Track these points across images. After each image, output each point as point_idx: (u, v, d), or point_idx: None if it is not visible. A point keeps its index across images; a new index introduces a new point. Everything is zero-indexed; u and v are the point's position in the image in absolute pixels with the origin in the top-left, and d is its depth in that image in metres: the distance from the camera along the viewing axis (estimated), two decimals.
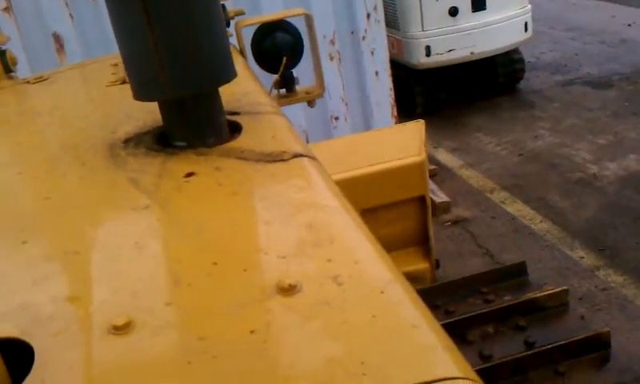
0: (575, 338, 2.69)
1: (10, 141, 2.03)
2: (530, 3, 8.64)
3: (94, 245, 1.25)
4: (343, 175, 3.67)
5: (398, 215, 4.18)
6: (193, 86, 1.48)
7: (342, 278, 0.97)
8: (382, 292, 0.95)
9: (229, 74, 1.55)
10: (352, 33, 6.02)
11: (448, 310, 3.17)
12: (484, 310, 3.07)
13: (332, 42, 5.89)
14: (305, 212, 1.22)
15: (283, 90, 3.14)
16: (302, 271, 1.01)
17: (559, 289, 3.10)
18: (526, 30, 8.56)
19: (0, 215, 1.46)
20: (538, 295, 3.07)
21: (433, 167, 6.94)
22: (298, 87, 3.22)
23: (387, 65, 6.21)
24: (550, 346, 2.67)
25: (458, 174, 7.04)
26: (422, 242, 4.21)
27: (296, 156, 1.45)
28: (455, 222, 6.07)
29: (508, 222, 5.96)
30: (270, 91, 3.00)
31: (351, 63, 6.08)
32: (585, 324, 3.03)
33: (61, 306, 1.04)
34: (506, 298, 3.22)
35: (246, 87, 1.97)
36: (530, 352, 2.68)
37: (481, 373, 2.43)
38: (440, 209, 6.13)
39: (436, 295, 3.36)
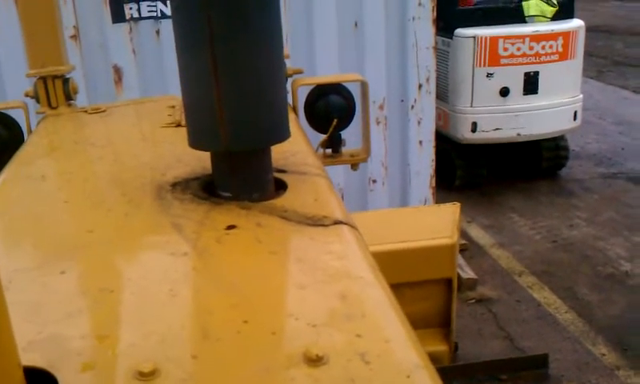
0: None
1: (61, 168, 2.09)
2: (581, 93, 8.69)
3: (129, 285, 1.26)
4: (373, 248, 3.72)
5: (423, 295, 4.17)
6: (248, 143, 1.51)
7: (369, 356, 0.96)
8: (409, 376, 0.94)
9: (284, 135, 1.58)
10: (402, 101, 6.13)
11: None
12: None
13: (381, 108, 6.00)
14: (339, 281, 1.21)
15: (329, 150, 3.17)
16: (331, 343, 1.00)
17: None
18: (575, 118, 8.56)
19: (42, 242, 1.49)
20: None
21: (463, 242, 6.94)
22: (343, 149, 3.23)
23: (432, 136, 6.29)
24: None
25: (489, 253, 7.03)
26: (443, 324, 4.21)
27: (337, 223, 1.45)
28: (479, 301, 6.06)
29: (533, 308, 5.93)
30: (317, 150, 3.02)
31: (397, 130, 6.18)
32: None
33: (90, 342, 1.05)
34: None
35: (295, 146, 1.99)
36: None
37: None
38: (465, 285, 6.13)
39: (453, 376, 3.34)
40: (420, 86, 6.13)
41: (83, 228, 1.54)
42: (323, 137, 3.09)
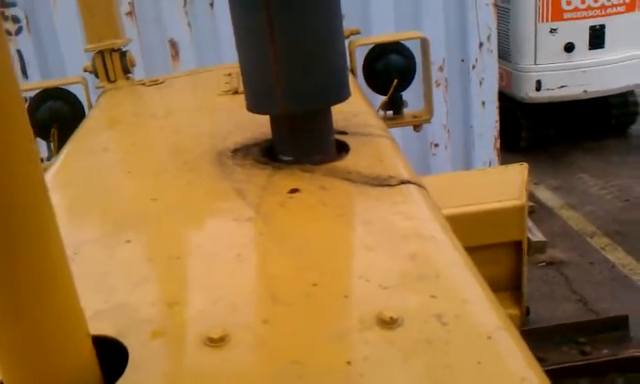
0: None
1: (124, 140, 2.12)
2: None
3: (195, 252, 1.25)
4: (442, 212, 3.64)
5: (492, 258, 4.09)
6: (307, 104, 1.49)
7: (447, 317, 0.93)
8: (489, 338, 0.90)
9: (343, 94, 1.55)
10: (462, 61, 5.99)
11: (539, 357, 3.04)
12: (579, 362, 2.92)
13: (440, 69, 5.87)
14: (410, 242, 1.17)
15: (390, 112, 3.12)
16: (405, 305, 0.97)
17: None
18: None
19: (107, 212, 1.50)
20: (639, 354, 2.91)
21: (531, 204, 6.76)
22: (405, 110, 3.19)
23: (495, 96, 6.14)
24: None
25: (558, 214, 6.84)
26: (513, 287, 4.12)
27: (403, 182, 1.41)
28: (550, 264, 5.90)
29: (606, 270, 5.74)
30: (377, 112, 2.99)
31: (458, 91, 6.04)
32: None
33: (159, 310, 1.04)
34: (605, 351, 3.04)
35: (356, 107, 1.96)
36: None
37: None
38: (535, 248, 5.98)
39: (527, 339, 3.25)
40: (481, 45, 5.97)
41: (147, 197, 1.54)
42: (383, 98, 3.03)
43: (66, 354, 0.81)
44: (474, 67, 6.01)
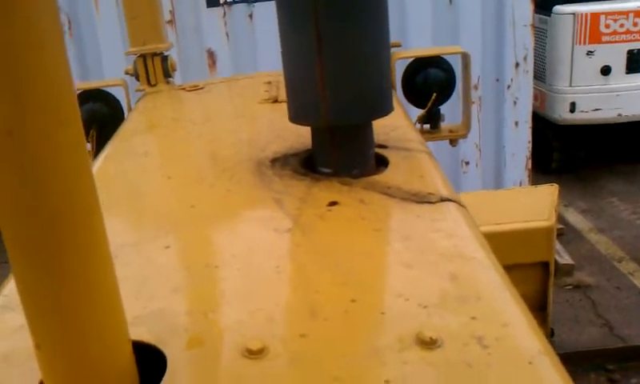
0: None
1: (163, 145, 2.14)
2: None
3: (234, 261, 1.24)
4: None
5: (519, 278, 4.04)
6: (351, 117, 1.50)
7: (487, 340, 0.91)
8: (531, 363, 0.88)
9: (386, 108, 1.56)
10: (497, 80, 6.01)
11: None
12: None
13: (475, 87, 5.88)
14: (450, 261, 1.16)
15: (427, 126, 3.12)
16: (444, 325, 0.96)
17: None
18: None
19: (146, 217, 1.52)
20: None
21: (560, 226, 6.72)
22: (442, 125, 3.17)
23: (529, 116, 6.13)
24: None
25: (587, 238, 6.78)
26: (539, 308, 4.10)
27: (443, 200, 1.40)
28: (576, 287, 5.86)
29: (634, 296, 5.68)
30: (414, 125, 3.01)
31: (491, 110, 6.06)
32: None
33: (197, 318, 1.04)
34: (633, 381, 2.97)
35: (396, 120, 1.95)
36: None
37: None
38: (562, 271, 5.94)
39: None
40: (517, 65, 5.98)
41: (186, 203, 1.55)
42: (421, 111, 3.03)
43: (106, 357, 0.82)
44: (508, 87, 6.02)
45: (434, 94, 2.92)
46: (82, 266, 0.76)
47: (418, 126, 3.01)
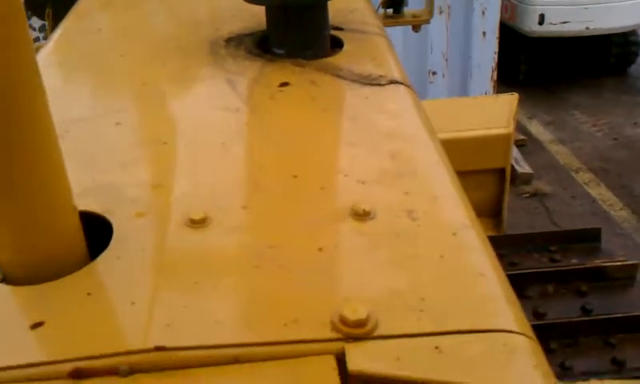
0: (634, 314, 2.64)
1: (117, 23, 2.06)
2: None
3: (182, 138, 1.26)
4: None
5: (476, 184, 4.20)
6: None
7: (417, 213, 0.97)
8: (455, 234, 0.94)
9: None
10: None
11: (512, 262, 3.14)
12: (547, 269, 3.05)
13: None
14: (392, 140, 1.20)
15: (390, 11, 3.08)
16: (379, 199, 1.00)
17: (629, 262, 3.01)
18: None
19: (99, 94, 1.50)
20: (606, 264, 2.96)
21: (522, 138, 6.94)
22: (405, 9, 3.15)
23: (496, 26, 6.19)
24: (606, 316, 2.62)
25: (547, 148, 7.01)
26: (494, 214, 4.28)
27: (393, 82, 1.42)
28: (533, 195, 6.11)
29: (587, 204, 5.96)
30: (377, 9, 2.92)
31: (460, 20, 6.09)
32: None
33: (144, 191, 1.08)
34: (573, 260, 3.14)
35: (354, 3, 1.92)
36: (584, 318, 2.63)
37: (532, 329, 2.50)
38: (521, 179, 6.17)
39: (503, 244, 3.36)
40: None
41: (138, 81, 1.55)
42: None
43: (53, 224, 0.86)
44: None
45: None
46: (24, 138, 0.79)
47: (382, 10, 3.00)
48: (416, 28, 3.31)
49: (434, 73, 6.14)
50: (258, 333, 0.79)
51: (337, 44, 1.64)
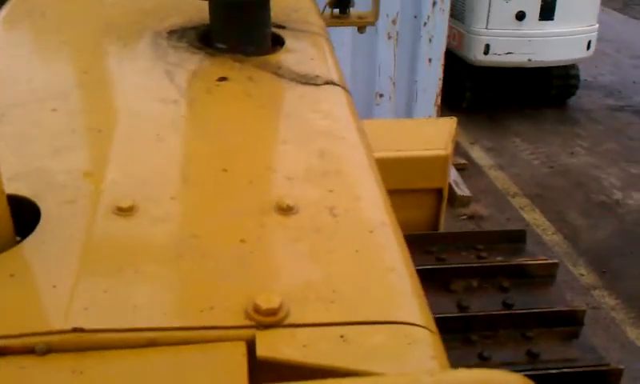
0: (550, 309, 2.73)
1: (63, 8, 2.02)
2: (599, 23, 8.68)
3: (117, 127, 1.27)
4: None
5: (415, 202, 4.36)
6: None
7: (338, 210, 1.02)
8: (371, 231, 0.99)
9: None
10: (415, 17, 6.22)
11: (440, 257, 3.22)
12: (472, 265, 3.19)
13: (393, 22, 6.11)
14: (322, 139, 1.24)
15: (336, 11, 3.14)
16: (303, 196, 1.05)
17: (550, 261, 3.11)
18: (588, 48, 8.58)
19: (37, 80, 1.49)
20: (528, 262, 3.06)
21: (463, 162, 7.18)
22: (352, 10, 3.20)
23: (442, 54, 6.41)
24: (525, 311, 2.73)
25: (487, 173, 7.25)
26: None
27: (328, 83, 1.47)
28: (470, 217, 6.32)
29: (521, 227, 6.17)
30: (324, 9, 3.00)
31: (407, 46, 6.29)
32: (566, 301, 3.11)
33: (74, 177, 1.08)
34: (498, 258, 3.27)
35: (299, 2, 1.96)
36: (505, 312, 2.73)
37: (455, 320, 2.62)
38: (459, 202, 6.39)
39: (433, 242, 3.48)
40: (434, 3, 6.21)
41: (78, 68, 1.55)
42: None
43: None
44: (425, 24, 6.26)
45: None
46: None
47: (328, 9, 3.07)
48: (361, 29, 3.37)
49: (381, 95, 6.33)
50: (175, 318, 0.82)
51: (278, 42, 1.67)
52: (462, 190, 6.54)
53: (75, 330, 0.79)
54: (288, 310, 0.81)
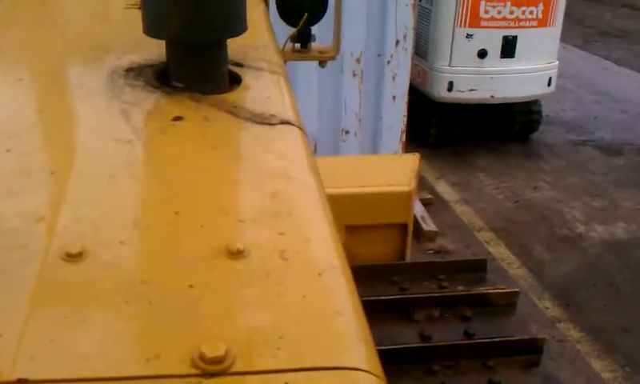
0: (510, 338, 2.75)
1: (20, 44, 2.01)
2: (560, 60, 8.91)
3: (70, 168, 1.25)
4: (334, 191, 3.94)
5: (379, 238, 4.41)
6: (202, 34, 1.48)
7: (288, 253, 1.00)
8: (320, 274, 0.98)
9: (239, 28, 1.55)
10: (378, 55, 6.34)
11: (402, 287, 3.24)
12: (434, 294, 3.18)
13: (358, 61, 6.21)
14: (275, 180, 1.23)
15: (298, 45, 3.16)
16: (254, 239, 1.03)
17: (510, 290, 3.11)
18: (549, 84, 8.78)
19: None
20: (489, 291, 3.06)
21: (429, 197, 7.26)
22: (313, 45, 3.23)
23: (405, 91, 6.51)
24: (486, 340, 2.74)
25: (452, 208, 7.34)
26: None
27: (284, 122, 1.45)
28: (437, 252, 6.38)
29: (487, 261, 6.25)
30: (285, 43, 3.05)
31: (372, 83, 6.39)
32: (527, 329, 3.14)
33: (23, 222, 1.06)
34: (460, 287, 3.30)
35: (258, 40, 1.94)
36: (466, 341, 2.74)
37: (418, 350, 2.63)
38: (426, 237, 6.45)
39: (396, 272, 3.50)
40: (397, 43, 6.33)
41: (34, 107, 1.53)
42: (293, 30, 3.10)
43: None
44: (388, 63, 6.38)
45: (306, 14, 2.98)
46: None
47: (290, 44, 3.10)
48: (322, 64, 3.41)
49: (347, 132, 6.41)
50: (120, 367, 0.80)
51: (235, 80, 1.66)
52: (429, 225, 6.60)
53: (20, 381, 0.77)
54: (234, 358, 0.80)
